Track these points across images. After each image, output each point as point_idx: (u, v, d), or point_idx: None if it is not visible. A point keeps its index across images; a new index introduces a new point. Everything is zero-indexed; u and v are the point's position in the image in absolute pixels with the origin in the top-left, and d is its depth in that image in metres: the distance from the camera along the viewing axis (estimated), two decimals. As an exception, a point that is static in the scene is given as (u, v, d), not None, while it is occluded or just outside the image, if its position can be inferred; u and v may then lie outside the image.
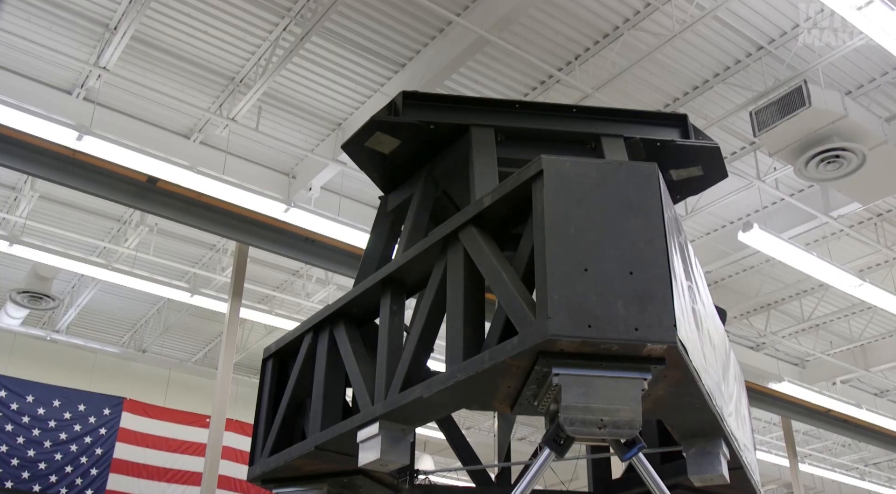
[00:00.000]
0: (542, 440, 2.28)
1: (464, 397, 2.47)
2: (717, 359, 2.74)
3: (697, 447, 2.68)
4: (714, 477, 2.64)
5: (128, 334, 16.07)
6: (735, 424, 2.85)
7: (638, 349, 2.15)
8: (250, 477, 3.34)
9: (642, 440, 2.25)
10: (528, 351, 2.18)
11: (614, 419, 2.14)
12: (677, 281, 2.29)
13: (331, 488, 3.20)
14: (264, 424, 3.40)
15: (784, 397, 15.18)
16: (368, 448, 2.59)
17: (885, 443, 17.59)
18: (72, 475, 12.38)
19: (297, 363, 3.29)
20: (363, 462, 2.58)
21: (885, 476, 22.76)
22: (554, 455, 2.23)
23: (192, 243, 13.63)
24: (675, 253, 2.35)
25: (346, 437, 2.75)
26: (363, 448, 2.62)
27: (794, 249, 11.25)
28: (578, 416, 2.13)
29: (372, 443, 2.58)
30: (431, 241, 2.76)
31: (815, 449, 21.10)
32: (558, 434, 2.19)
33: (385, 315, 2.90)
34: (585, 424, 2.13)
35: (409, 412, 2.56)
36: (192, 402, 14.11)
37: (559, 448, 2.21)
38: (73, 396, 12.86)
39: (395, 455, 2.56)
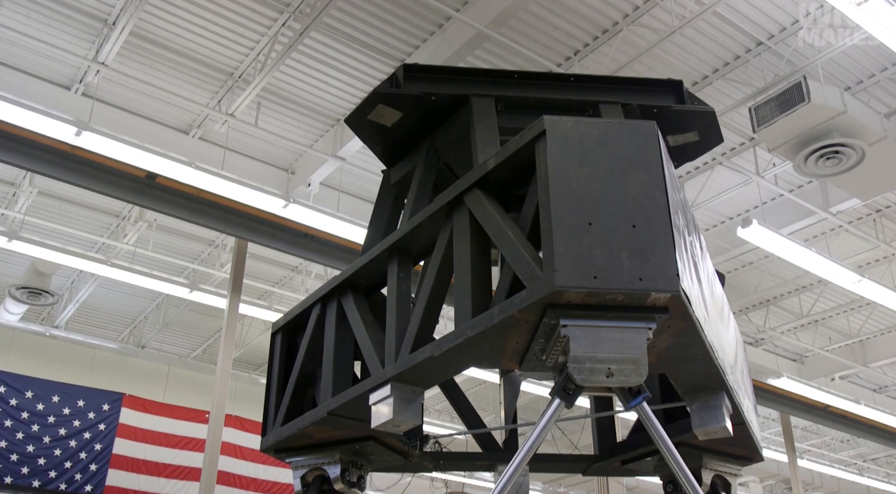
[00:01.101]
0: (550, 390, 2.31)
1: (473, 354, 2.51)
2: (718, 315, 2.78)
3: (700, 401, 2.74)
4: (717, 430, 2.69)
5: (127, 329, 16.06)
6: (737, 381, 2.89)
7: (642, 298, 2.19)
8: (263, 447, 3.37)
9: (647, 390, 2.29)
10: (536, 304, 2.22)
11: (621, 367, 2.18)
12: (679, 234, 2.34)
13: (343, 455, 3.23)
14: (275, 395, 3.43)
15: (783, 392, 15.21)
16: (381, 410, 2.63)
17: (884, 439, 17.64)
18: (71, 470, 12.37)
19: (306, 334, 3.32)
20: (375, 424, 2.62)
21: (884, 471, 22.79)
22: (563, 405, 2.27)
23: (191, 239, 13.64)
24: (676, 208, 2.40)
25: (358, 401, 2.79)
26: (375, 410, 2.65)
27: (793, 245, 11.28)
28: (587, 365, 2.17)
29: (384, 405, 2.62)
30: (437, 206, 2.79)
31: (814, 445, 21.13)
32: (567, 384, 2.23)
33: (393, 282, 2.94)
34: (593, 373, 2.17)
35: (419, 372, 2.59)
36: (191, 398, 14.11)
37: (568, 397, 2.26)
38: (73, 392, 12.85)
39: (407, 416, 2.60)
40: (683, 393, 2.77)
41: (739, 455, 3.33)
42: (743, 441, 3.08)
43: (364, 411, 2.71)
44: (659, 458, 3.46)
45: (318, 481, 3.27)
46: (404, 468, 3.51)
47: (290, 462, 3.37)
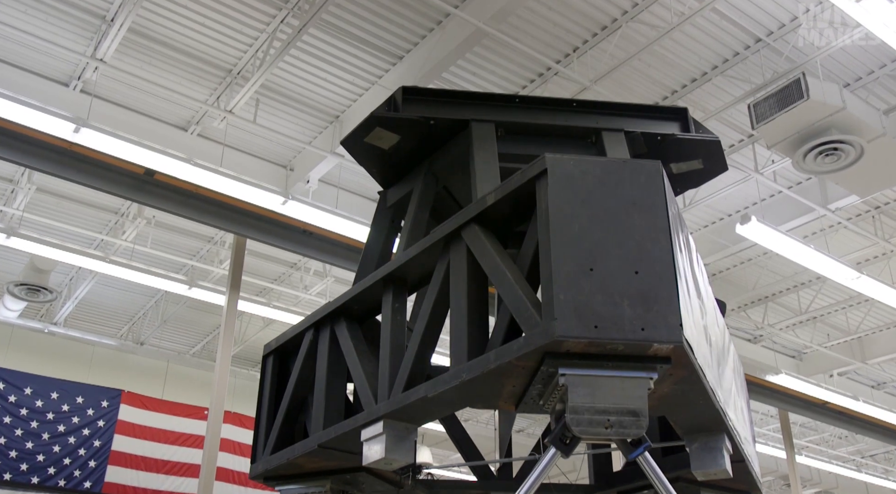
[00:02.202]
0: (547, 439, 2.28)
1: (469, 396, 2.48)
2: (718, 353, 2.75)
3: (700, 442, 2.70)
4: (717, 472, 2.66)
5: (126, 326, 16.05)
6: (735, 417, 2.87)
7: (644, 348, 2.15)
8: (253, 475, 3.35)
9: (648, 439, 2.26)
10: (534, 352, 2.18)
11: (621, 419, 2.14)
12: (682, 279, 2.29)
13: (334, 485, 3.20)
14: (266, 421, 3.40)
15: (781, 389, 15.23)
16: (373, 447, 2.60)
17: (882, 435, 17.67)
18: (70, 467, 12.38)
19: (298, 360, 3.29)
20: (368, 461, 2.59)
21: (882, 467, 22.85)
22: (560, 454, 2.24)
23: (189, 236, 13.61)
24: (679, 251, 2.35)
25: (350, 435, 2.76)
26: (367, 446, 2.62)
27: (791, 241, 11.26)
28: (585, 416, 2.13)
29: (376, 442, 2.59)
30: (434, 239, 2.75)
31: (813, 441, 21.17)
32: (564, 433, 2.19)
33: (387, 313, 2.90)
34: (592, 424, 2.13)
35: (413, 410, 2.56)
36: (190, 394, 14.11)
37: (565, 447, 2.22)
38: (72, 388, 12.86)
39: (400, 454, 2.57)
40: (683, 434, 2.74)
41: (737, 489, 3.30)
42: (741, 476, 3.06)
43: (356, 443, 2.69)
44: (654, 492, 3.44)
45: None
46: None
47: (279, 490, 3.34)
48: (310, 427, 3.14)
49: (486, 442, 8.58)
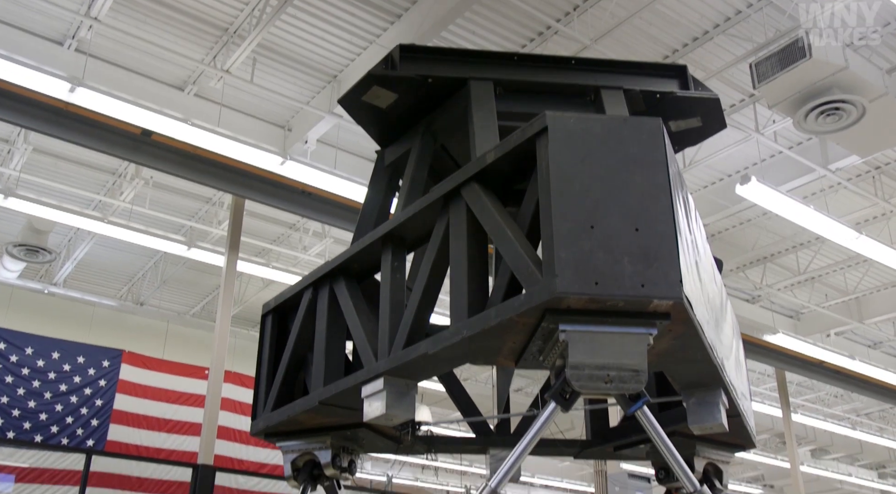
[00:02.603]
0: (547, 394, 2.30)
1: (469, 352, 2.49)
2: (716, 310, 2.77)
3: (697, 397, 2.73)
4: (714, 426, 2.69)
5: (125, 287, 16.08)
6: (732, 373, 2.89)
7: (644, 305, 2.16)
8: (254, 432, 3.37)
9: (647, 394, 2.28)
10: (535, 308, 2.19)
11: (621, 374, 2.16)
12: (682, 236, 2.29)
13: (334, 440, 3.23)
14: (266, 379, 3.42)
15: (778, 349, 15.33)
16: (374, 403, 2.61)
17: (877, 394, 17.84)
18: (73, 425, 12.49)
19: (297, 318, 3.29)
20: (368, 417, 2.61)
21: (877, 425, 23.09)
22: (559, 408, 2.26)
23: (188, 197, 13.57)
24: (679, 208, 2.35)
25: (350, 392, 2.78)
26: (368, 402, 2.64)
27: (791, 202, 11.25)
28: (585, 372, 2.15)
29: (377, 398, 2.60)
30: (433, 197, 2.74)
31: (808, 400, 21.36)
32: (564, 388, 2.21)
33: (386, 272, 2.90)
34: (592, 379, 2.16)
35: (413, 367, 2.58)
36: (190, 354, 14.18)
37: (565, 402, 2.24)
38: (72, 348, 12.90)
39: (401, 410, 2.59)
40: (680, 389, 2.76)
41: (733, 443, 3.35)
42: (737, 431, 3.09)
43: (356, 400, 2.71)
44: (652, 445, 3.48)
45: (308, 466, 3.28)
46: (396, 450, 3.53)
47: (280, 446, 3.37)
48: (310, 385, 3.16)
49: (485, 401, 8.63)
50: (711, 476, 3.30)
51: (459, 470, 23.75)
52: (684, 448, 3.07)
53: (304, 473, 3.27)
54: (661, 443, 2.33)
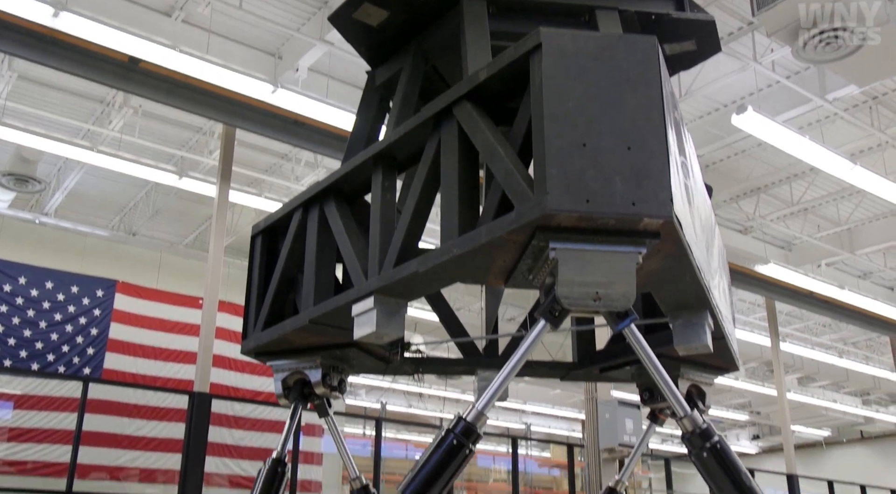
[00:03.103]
0: (536, 312, 2.32)
1: (459, 271, 2.50)
2: (705, 233, 2.78)
3: (683, 318, 2.76)
4: (699, 347, 2.73)
5: (117, 217, 16.03)
6: (718, 296, 2.91)
7: (634, 223, 2.17)
8: (244, 350, 3.41)
9: (635, 312, 2.30)
10: (526, 226, 2.19)
11: (609, 292, 2.19)
12: (673, 157, 2.28)
13: (324, 360, 3.27)
14: (256, 299, 3.44)
15: (769, 279, 15.46)
16: (364, 322, 2.63)
17: (865, 323, 18.08)
18: (69, 354, 12.59)
19: (287, 239, 3.29)
20: (359, 336, 2.63)
21: (863, 354, 23.47)
22: (548, 326, 2.28)
23: (178, 126, 13.42)
24: (671, 129, 2.34)
25: (341, 311, 2.79)
26: (358, 321, 2.66)
27: (787, 132, 11.20)
28: (575, 290, 2.17)
29: (367, 317, 2.62)
30: (424, 116, 2.71)
31: (797, 329, 21.65)
32: (553, 306, 2.24)
33: (377, 192, 2.89)
34: (581, 297, 2.18)
35: (403, 286, 2.59)
36: (184, 285, 14.22)
37: (554, 319, 2.27)
38: (66, 278, 12.92)
39: (391, 328, 2.61)
40: (667, 311, 2.79)
41: (717, 365, 3.40)
42: (721, 353, 3.14)
43: (346, 319, 2.72)
44: (638, 367, 3.53)
45: (298, 384, 3.32)
46: (385, 371, 3.57)
47: (270, 365, 3.41)
48: (300, 305, 3.18)
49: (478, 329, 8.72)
50: (694, 397, 3.37)
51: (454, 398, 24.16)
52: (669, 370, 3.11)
53: (295, 392, 3.32)
54: (648, 362, 2.36)
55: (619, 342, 3.46)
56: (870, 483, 20.83)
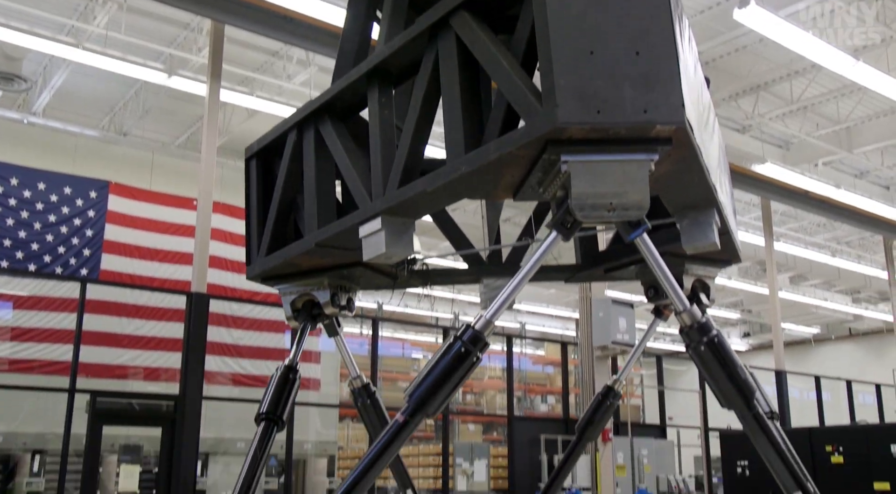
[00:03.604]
0: (548, 223, 2.29)
1: (467, 188, 2.46)
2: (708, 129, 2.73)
3: (690, 218, 2.75)
4: (707, 245, 2.73)
5: (107, 117, 15.75)
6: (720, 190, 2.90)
7: (647, 130, 2.12)
8: (250, 276, 3.39)
9: (647, 221, 2.28)
10: (536, 141, 2.14)
11: (623, 201, 2.16)
12: (683, 60, 2.20)
13: (331, 280, 3.26)
14: (257, 224, 3.40)
15: (765, 178, 15.41)
16: (372, 243, 2.60)
17: (859, 222, 18.16)
18: (65, 255, 12.62)
19: (283, 161, 3.22)
20: (368, 257, 2.60)
21: (855, 253, 23.68)
22: (560, 238, 2.26)
23: (165, 22, 13.02)
24: (678, 30, 2.25)
25: (347, 233, 2.76)
26: (367, 243, 2.63)
27: (790, 27, 10.92)
28: (588, 202, 2.14)
29: (375, 238, 2.59)
30: (420, 28, 2.60)
31: (791, 229, 21.75)
32: (566, 218, 2.21)
33: (374, 109, 2.80)
34: (595, 208, 2.15)
35: (410, 205, 2.55)
36: (177, 186, 14.12)
37: (566, 231, 2.25)
38: (58, 179, 12.81)
39: (400, 248, 2.58)
40: (674, 211, 2.78)
41: (720, 258, 3.41)
42: (726, 247, 3.14)
43: (352, 240, 2.69)
44: (642, 266, 3.53)
45: (307, 306, 3.32)
46: (393, 286, 3.56)
47: (278, 288, 3.40)
48: (303, 228, 3.13)
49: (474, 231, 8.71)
50: (699, 291, 3.40)
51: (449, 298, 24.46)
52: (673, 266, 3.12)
53: (304, 313, 3.32)
54: (657, 267, 2.36)
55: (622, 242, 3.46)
56: (856, 378, 21.38)
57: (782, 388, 17.65)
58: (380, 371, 12.23)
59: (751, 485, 13.79)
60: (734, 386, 2.47)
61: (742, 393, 2.52)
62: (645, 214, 2.21)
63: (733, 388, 2.53)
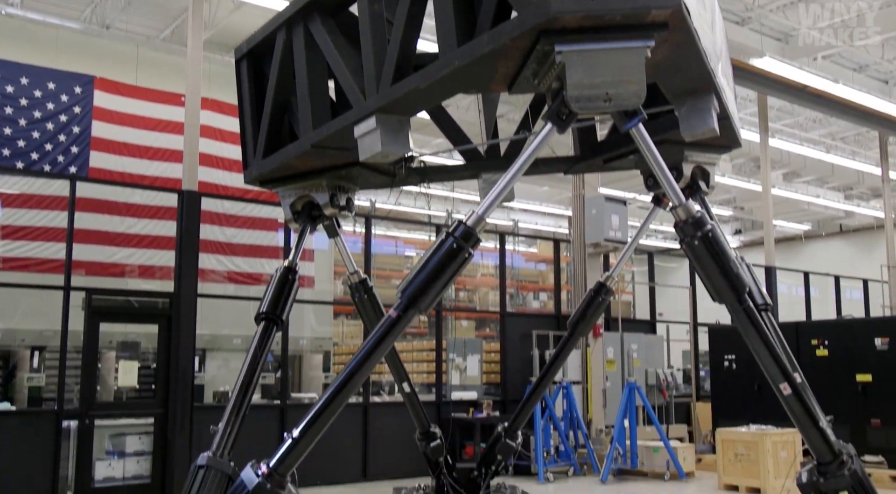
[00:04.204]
0: (544, 115, 2.24)
1: (461, 82, 2.39)
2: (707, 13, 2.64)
3: (689, 104, 2.70)
4: (706, 131, 2.70)
5: (88, 8, 15.23)
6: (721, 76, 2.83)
7: (642, 16, 2.04)
8: (247, 180, 3.36)
9: (643, 110, 2.23)
10: (530, 31, 2.06)
11: (619, 91, 2.10)
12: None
13: (329, 181, 3.23)
14: (251, 127, 3.33)
15: (763, 72, 15.14)
16: (368, 142, 2.55)
17: (856, 117, 18.00)
18: (53, 152, 12.44)
19: (274, 62, 3.14)
20: (364, 157, 2.56)
21: (850, 149, 23.56)
22: (555, 129, 2.21)
23: None
24: None
25: (342, 133, 2.71)
26: (362, 142, 2.57)
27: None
28: (584, 92, 2.08)
29: (371, 137, 2.53)
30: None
31: (787, 125, 21.55)
32: (561, 110, 2.15)
33: (363, 2, 2.69)
34: (591, 99, 2.09)
35: (404, 103, 2.48)
36: (164, 81, 13.80)
37: (562, 123, 2.20)
38: (41, 74, 12.48)
39: (396, 146, 2.53)
40: (672, 98, 2.72)
41: (720, 144, 3.37)
42: (725, 133, 3.10)
43: (348, 140, 2.63)
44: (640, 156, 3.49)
45: (307, 207, 3.31)
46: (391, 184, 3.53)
47: (276, 191, 3.37)
48: (297, 129, 3.08)
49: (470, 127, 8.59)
50: (698, 178, 3.38)
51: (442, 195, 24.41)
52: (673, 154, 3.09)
53: (304, 214, 3.31)
54: (651, 158, 2.31)
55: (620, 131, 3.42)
56: (845, 274, 21.64)
57: (772, 284, 17.89)
58: (373, 269, 12.30)
59: (737, 378, 14.14)
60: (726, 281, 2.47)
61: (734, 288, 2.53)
62: (641, 103, 2.15)
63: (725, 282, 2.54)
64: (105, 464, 10.40)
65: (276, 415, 11.79)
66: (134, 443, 10.67)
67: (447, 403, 13.44)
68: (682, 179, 3.43)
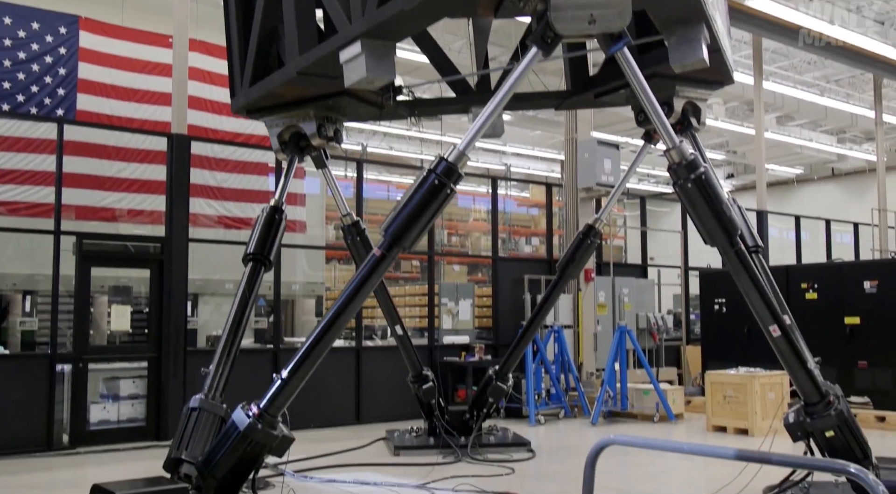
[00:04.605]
0: (528, 38, 2.19)
1: (447, 5, 2.33)
2: None
3: (679, 34, 2.66)
4: (695, 62, 2.66)
5: (71, -53, 14.86)
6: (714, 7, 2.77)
7: None
8: (234, 109, 3.30)
9: (628, 34, 2.18)
10: None
11: (604, 12, 2.06)
12: None
13: (316, 111, 3.19)
14: (238, 55, 3.27)
15: (758, 13, 14.95)
16: (353, 68, 2.51)
17: (851, 60, 17.84)
18: (39, 94, 12.24)
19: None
20: (349, 83, 2.51)
21: (844, 92, 23.39)
22: (540, 53, 2.17)
23: None
24: None
25: (328, 59, 2.66)
26: (347, 68, 2.53)
27: None
28: (568, 13, 2.04)
29: (356, 63, 2.49)
30: None
31: (781, 67, 21.35)
32: (546, 32, 2.11)
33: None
34: (575, 20, 2.05)
35: (390, 26, 2.43)
36: (151, 22, 13.52)
37: (546, 46, 2.16)
38: (24, 13, 12.20)
39: (381, 72, 2.49)
40: (661, 27, 2.67)
41: (712, 79, 3.33)
42: (716, 66, 3.06)
43: (335, 67, 2.59)
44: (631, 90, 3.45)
45: (294, 138, 3.27)
46: (379, 117, 3.49)
47: (263, 121, 3.32)
48: (284, 57, 3.02)
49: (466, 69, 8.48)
50: (689, 114, 3.35)
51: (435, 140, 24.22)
52: (664, 89, 3.05)
53: (291, 145, 3.27)
54: (639, 87, 2.28)
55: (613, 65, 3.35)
56: (836, 217, 21.69)
57: (763, 228, 17.93)
58: (364, 213, 12.25)
59: (726, 321, 14.27)
60: (719, 223, 2.46)
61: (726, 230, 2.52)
62: (626, 25, 2.11)
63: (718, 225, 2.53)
64: (100, 407, 10.48)
65: (269, 359, 11.86)
66: (128, 387, 10.73)
67: (439, 347, 13.53)
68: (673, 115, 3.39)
